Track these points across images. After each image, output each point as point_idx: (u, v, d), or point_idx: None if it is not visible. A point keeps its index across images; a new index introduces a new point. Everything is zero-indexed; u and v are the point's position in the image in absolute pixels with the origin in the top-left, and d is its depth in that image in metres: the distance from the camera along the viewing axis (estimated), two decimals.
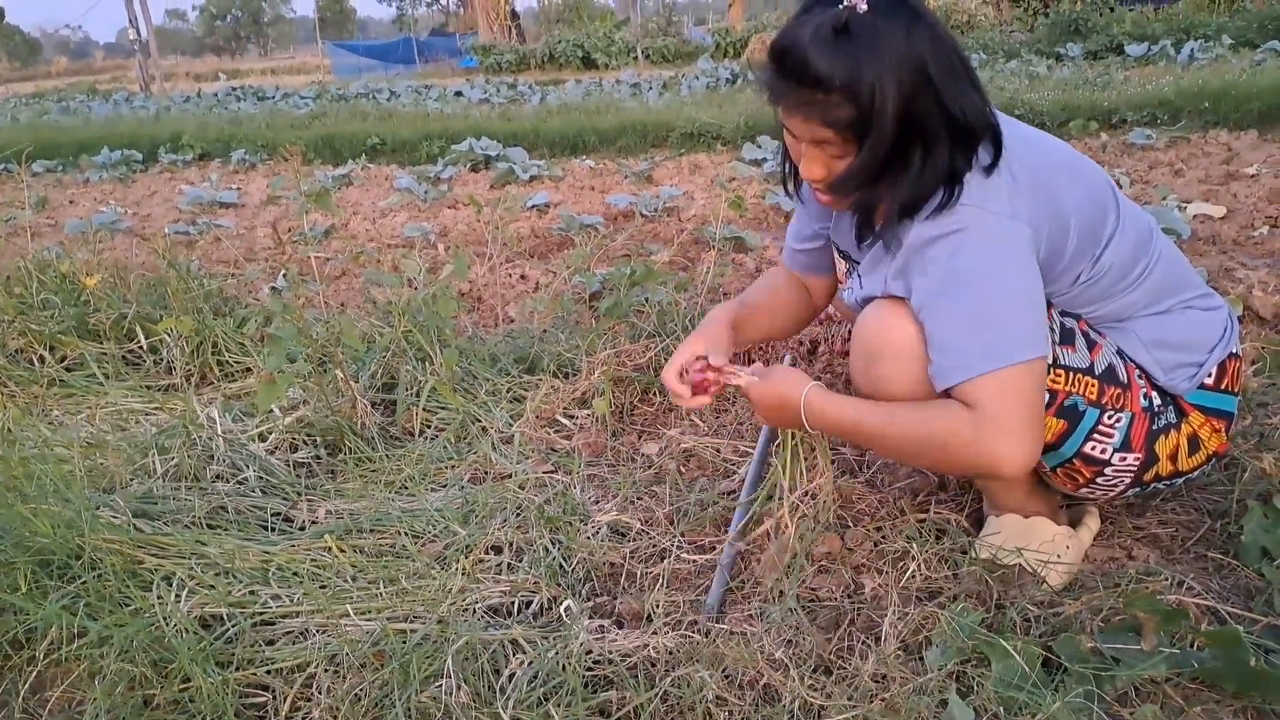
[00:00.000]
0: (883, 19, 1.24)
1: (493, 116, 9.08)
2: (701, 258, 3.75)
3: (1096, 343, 1.49)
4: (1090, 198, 1.44)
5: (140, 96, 20.14)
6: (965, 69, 1.31)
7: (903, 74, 1.24)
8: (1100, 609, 1.37)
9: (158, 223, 5.83)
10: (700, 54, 19.71)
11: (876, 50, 1.23)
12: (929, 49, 1.26)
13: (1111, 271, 1.46)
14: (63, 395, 2.73)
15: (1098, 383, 1.45)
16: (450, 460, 2.15)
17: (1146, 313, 1.52)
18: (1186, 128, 5.83)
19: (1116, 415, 1.46)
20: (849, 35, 1.23)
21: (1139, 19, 13.51)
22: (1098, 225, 1.44)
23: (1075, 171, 1.45)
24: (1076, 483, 1.54)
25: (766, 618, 1.43)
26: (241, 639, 1.50)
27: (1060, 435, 1.46)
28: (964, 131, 1.31)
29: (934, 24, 1.29)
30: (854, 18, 1.24)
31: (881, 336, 1.45)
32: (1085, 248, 1.43)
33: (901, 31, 1.24)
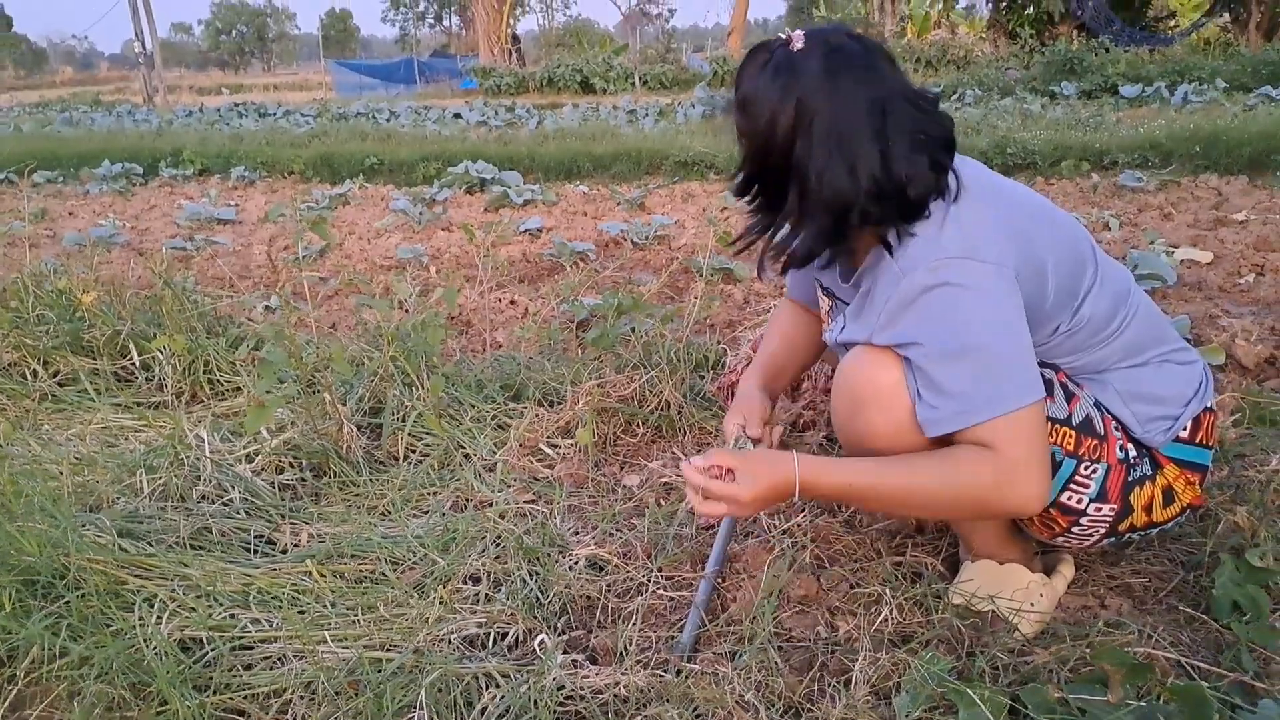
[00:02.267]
0: (811, 59, 1.34)
1: (490, 139, 9.15)
2: (690, 287, 3.79)
3: (1074, 394, 1.51)
4: (1068, 249, 1.47)
5: (143, 109, 20.24)
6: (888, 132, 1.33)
7: (811, 106, 1.32)
8: (1068, 659, 1.39)
9: (155, 237, 5.85)
10: (698, 81, 19.86)
11: (787, 82, 1.34)
12: (835, 101, 1.32)
13: (1090, 323, 1.49)
14: (54, 410, 2.74)
15: (1075, 433, 1.47)
16: (432, 487, 2.16)
17: (1123, 365, 1.55)
18: (1177, 171, 5.90)
19: (1093, 466, 1.48)
20: (774, 64, 1.36)
21: (1134, 60, 13.67)
22: (1076, 277, 1.47)
23: (1053, 223, 1.49)
24: (1053, 531, 1.56)
25: (738, 659, 1.45)
26: (220, 663, 1.51)
27: None
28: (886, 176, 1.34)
29: (862, 67, 1.35)
30: (781, 52, 1.36)
31: (870, 384, 1.45)
32: (1064, 299, 1.45)
33: (817, 78, 1.33)
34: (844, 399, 1.51)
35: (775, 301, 3.59)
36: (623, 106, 13.96)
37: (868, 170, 1.33)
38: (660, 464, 2.27)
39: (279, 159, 8.72)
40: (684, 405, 2.43)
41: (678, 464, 2.26)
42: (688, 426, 2.41)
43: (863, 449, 1.50)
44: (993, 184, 1.48)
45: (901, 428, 1.42)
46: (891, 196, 1.35)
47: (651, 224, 4.78)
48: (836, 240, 1.41)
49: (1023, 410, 1.33)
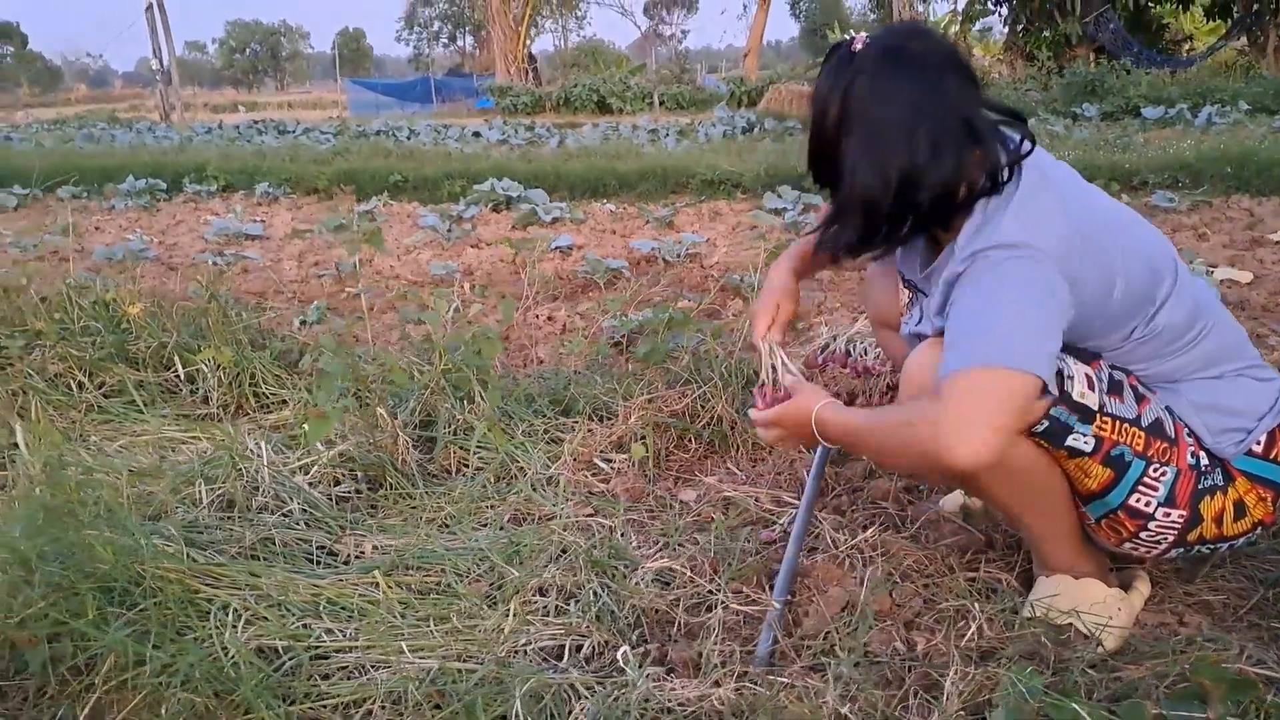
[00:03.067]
0: (865, 60, 1.42)
1: (513, 157, 9.19)
2: (727, 304, 3.79)
3: (1145, 397, 1.50)
4: (1141, 258, 1.47)
5: (162, 126, 20.38)
6: (936, 134, 1.39)
7: (837, 99, 1.42)
8: (1167, 675, 1.37)
9: (184, 252, 5.88)
10: (714, 102, 19.97)
11: (839, 77, 1.43)
12: (877, 100, 1.40)
13: (1165, 332, 1.49)
14: (100, 421, 2.75)
15: (1144, 434, 1.46)
16: (491, 500, 2.16)
17: (1198, 376, 1.54)
18: (1208, 192, 5.88)
19: (1162, 469, 1.47)
20: (835, 62, 1.46)
21: (1155, 82, 13.69)
22: (1150, 285, 1.47)
23: (1127, 232, 1.50)
24: (1120, 536, 1.54)
25: (826, 672, 1.43)
26: (299, 672, 1.50)
27: (1107, 484, 1.47)
28: (905, 189, 1.41)
29: (917, 67, 1.42)
30: (844, 51, 1.46)
31: (932, 375, 1.45)
32: (1136, 306, 1.46)
33: (866, 76, 1.41)
34: (909, 388, 1.53)
35: (815, 319, 3.58)
36: (643, 126, 14.02)
37: (897, 169, 1.39)
38: (716, 479, 2.26)
39: (303, 175, 8.76)
40: (736, 421, 2.42)
41: (733, 479, 2.26)
42: (740, 442, 2.40)
43: None
44: (1073, 186, 1.50)
45: None
46: (921, 196, 1.41)
47: (683, 242, 4.78)
48: (871, 234, 1.49)
49: (990, 370, 1.32)
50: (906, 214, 1.44)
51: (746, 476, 2.27)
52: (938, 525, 1.95)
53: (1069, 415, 1.42)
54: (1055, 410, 1.41)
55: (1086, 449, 1.44)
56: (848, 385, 2.47)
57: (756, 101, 19.72)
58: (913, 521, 1.99)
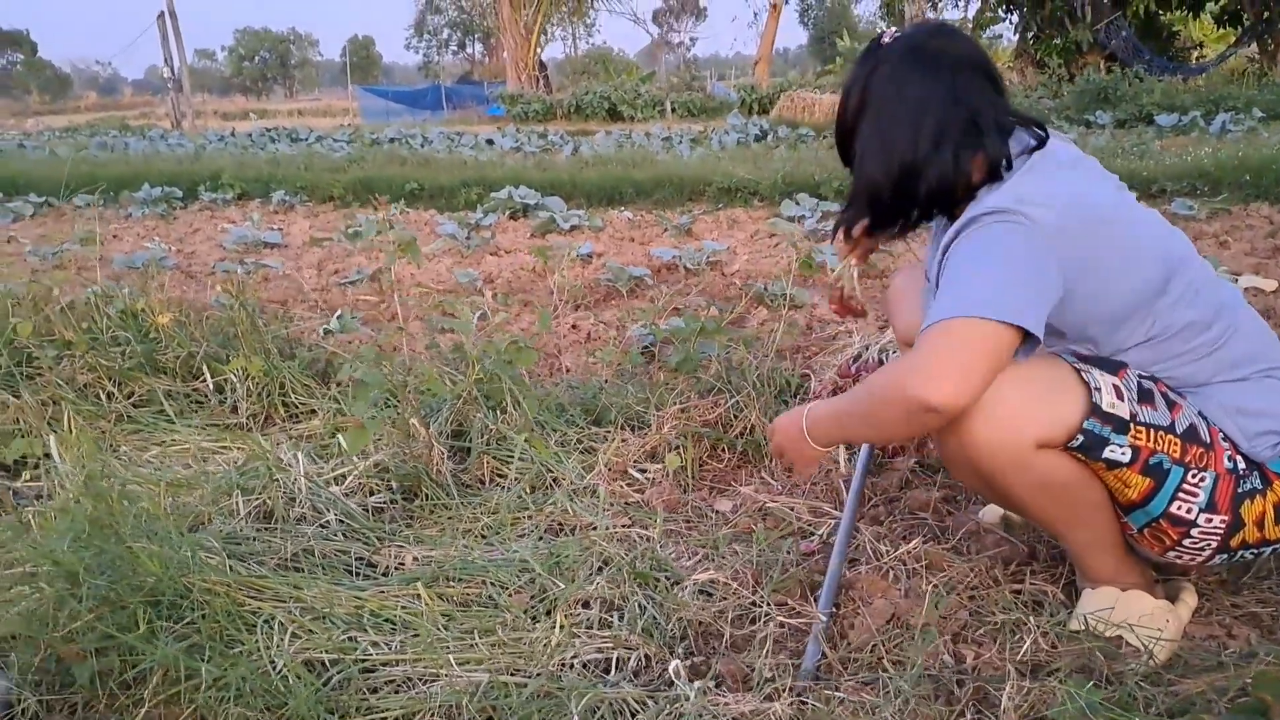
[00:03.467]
0: (888, 53, 1.52)
1: (528, 165, 9.20)
2: (752, 313, 3.78)
3: (1176, 403, 1.49)
4: (1153, 250, 1.49)
5: (175, 134, 20.48)
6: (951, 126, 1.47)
7: (859, 88, 1.54)
8: (1226, 689, 1.36)
9: (203, 260, 5.90)
10: (725, 110, 19.99)
11: (864, 66, 1.55)
12: (889, 92, 1.50)
13: (1185, 331, 1.49)
14: (130, 431, 2.75)
15: (1180, 441, 1.46)
16: (526, 510, 2.16)
17: (1224, 379, 1.53)
18: (1228, 200, 5.86)
19: (1200, 474, 1.46)
20: (862, 55, 1.59)
21: (1169, 89, 13.66)
22: (1162, 278, 1.47)
23: (1139, 223, 1.51)
24: (1163, 544, 1.53)
25: (880, 686, 1.43)
26: (348, 686, 1.50)
27: (1147, 494, 1.47)
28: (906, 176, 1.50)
29: (929, 78, 1.49)
30: (874, 43, 1.57)
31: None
32: (1146, 298, 1.47)
33: (886, 67, 1.51)
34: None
35: (840, 328, 3.58)
36: (656, 133, 14.05)
37: (898, 160, 1.49)
38: (752, 489, 2.25)
39: (318, 183, 8.79)
40: None
41: (769, 489, 2.26)
42: None
43: (958, 462, 1.56)
44: (1091, 174, 1.54)
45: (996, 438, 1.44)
46: (919, 188, 1.50)
47: (703, 249, 4.78)
48: (876, 219, 1.61)
49: (958, 320, 1.35)
50: (906, 203, 1.54)
51: (782, 487, 2.27)
52: (979, 537, 1.94)
53: (1102, 427, 1.41)
54: (1088, 424, 1.41)
55: (1124, 460, 1.44)
56: None
57: (767, 109, 19.73)
58: (953, 533, 1.98)
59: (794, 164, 7.91)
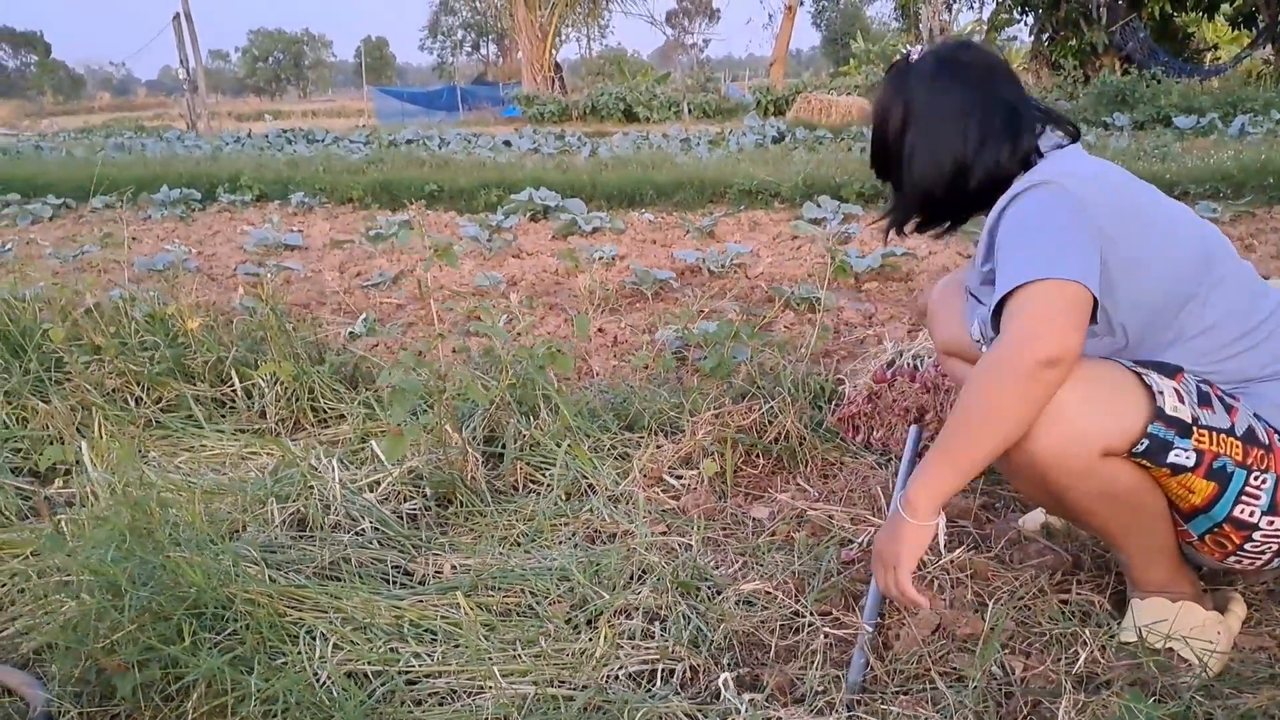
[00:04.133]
0: (921, 67, 1.64)
1: (547, 167, 9.20)
2: (779, 316, 3.76)
3: (1233, 405, 1.47)
4: (1187, 238, 1.51)
5: (191, 135, 20.56)
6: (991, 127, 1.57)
7: (897, 103, 1.63)
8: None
9: (224, 263, 5.92)
10: (741, 111, 19.95)
11: (900, 83, 1.65)
12: (932, 102, 1.60)
13: (1228, 322, 1.48)
14: (159, 436, 2.75)
15: (1241, 443, 1.43)
16: (563, 517, 2.14)
17: (1271, 376, 1.51)
18: (1251, 203, 5.82)
19: (1262, 476, 1.44)
20: (894, 73, 1.68)
21: (1186, 91, 13.57)
22: (1199, 267, 1.49)
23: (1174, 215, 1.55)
24: (1225, 550, 1.51)
25: (934, 700, 1.41)
26: (392, 698, 1.49)
27: (1211, 498, 1.44)
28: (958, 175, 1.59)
29: (960, 81, 1.60)
30: (903, 62, 1.67)
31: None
32: (1185, 286, 1.48)
33: (923, 81, 1.61)
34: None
35: (868, 332, 3.56)
36: (673, 135, 14.03)
37: (951, 162, 1.59)
38: (788, 496, 2.23)
39: (338, 185, 8.81)
40: (805, 436, 2.39)
41: (805, 496, 2.24)
42: (809, 457, 2.38)
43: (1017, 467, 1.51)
44: (1120, 173, 1.58)
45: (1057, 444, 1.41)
46: (971, 183, 1.59)
47: (727, 252, 4.76)
48: (929, 216, 1.71)
49: (1036, 283, 1.36)
50: (958, 200, 1.64)
51: (819, 493, 2.25)
52: (1022, 545, 1.92)
53: (1166, 431, 1.39)
54: (1152, 427, 1.38)
55: (1189, 464, 1.42)
56: (917, 400, 2.43)
57: (783, 110, 19.68)
58: (994, 540, 1.96)
59: (814, 165, 7.88)
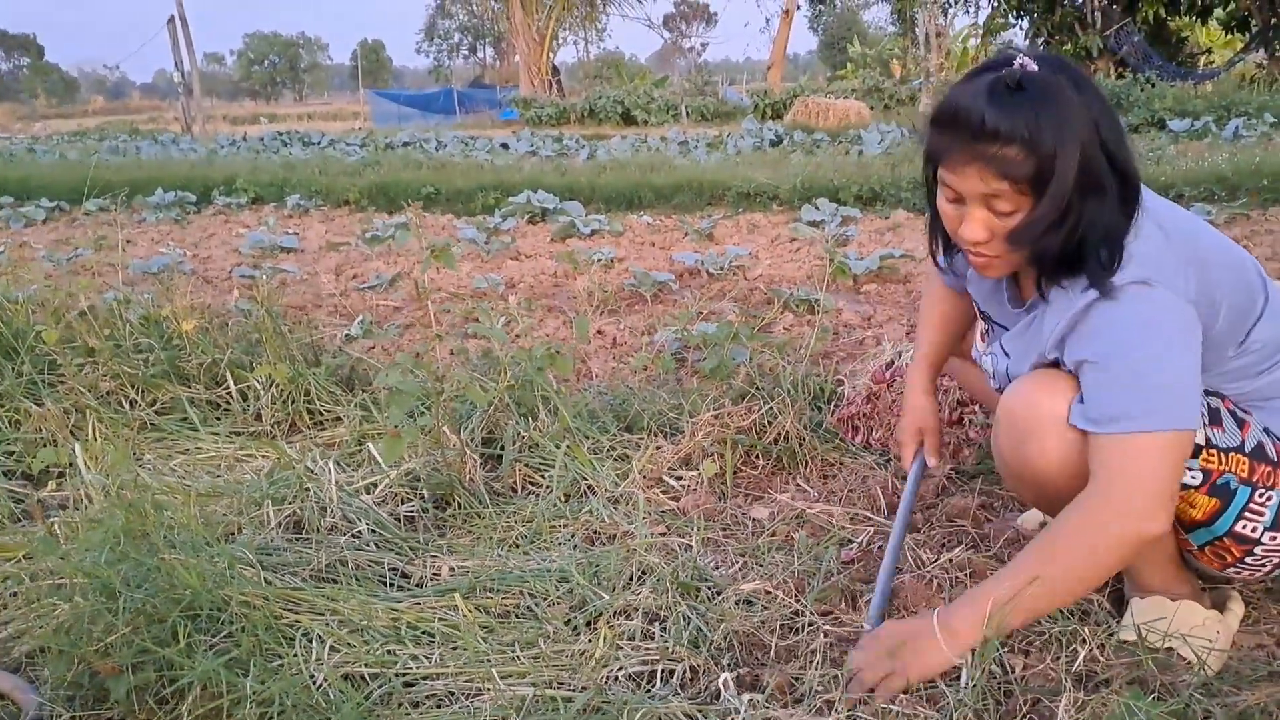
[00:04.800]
0: (1055, 79, 1.32)
1: (545, 169, 9.20)
2: (779, 318, 3.75)
3: (1245, 421, 1.47)
4: (1238, 276, 1.45)
5: (186, 138, 20.53)
6: (1124, 130, 1.39)
7: (1080, 126, 1.30)
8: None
9: (220, 265, 5.90)
10: (739, 115, 19.97)
11: (1053, 105, 1.30)
12: (1098, 107, 1.34)
13: (1261, 349, 1.46)
14: (154, 439, 2.73)
15: (1248, 460, 1.44)
16: (563, 519, 2.13)
17: None
18: (1246, 205, 5.83)
19: (1267, 493, 1.44)
20: (1024, 92, 1.30)
21: (1180, 95, 13.60)
22: (1248, 302, 1.45)
23: (1226, 250, 1.48)
24: (1224, 561, 1.52)
25: (932, 699, 1.40)
26: (390, 700, 1.48)
27: (1212, 514, 1.45)
28: (1128, 189, 1.36)
29: (1097, 87, 1.38)
30: (1027, 76, 1.31)
31: (1033, 410, 1.45)
32: (1235, 326, 1.43)
33: (1072, 89, 1.32)
34: (1008, 429, 1.50)
35: (866, 334, 3.55)
36: (671, 138, 14.02)
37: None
38: (788, 496, 2.23)
39: (334, 188, 8.79)
40: (805, 437, 2.39)
41: (805, 497, 2.23)
42: (809, 458, 2.37)
43: (1025, 481, 1.53)
44: (1169, 214, 1.46)
45: (1068, 458, 1.41)
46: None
47: (726, 254, 4.76)
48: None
49: (1159, 435, 1.31)
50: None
51: (818, 494, 2.24)
52: (1019, 544, 1.91)
53: None
54: None
55: (1194, 483, 1.43)
56: None
57: (781, 114, 19.70)
58: (993, 540, 1.95)
59: (812, 168, 7.89)
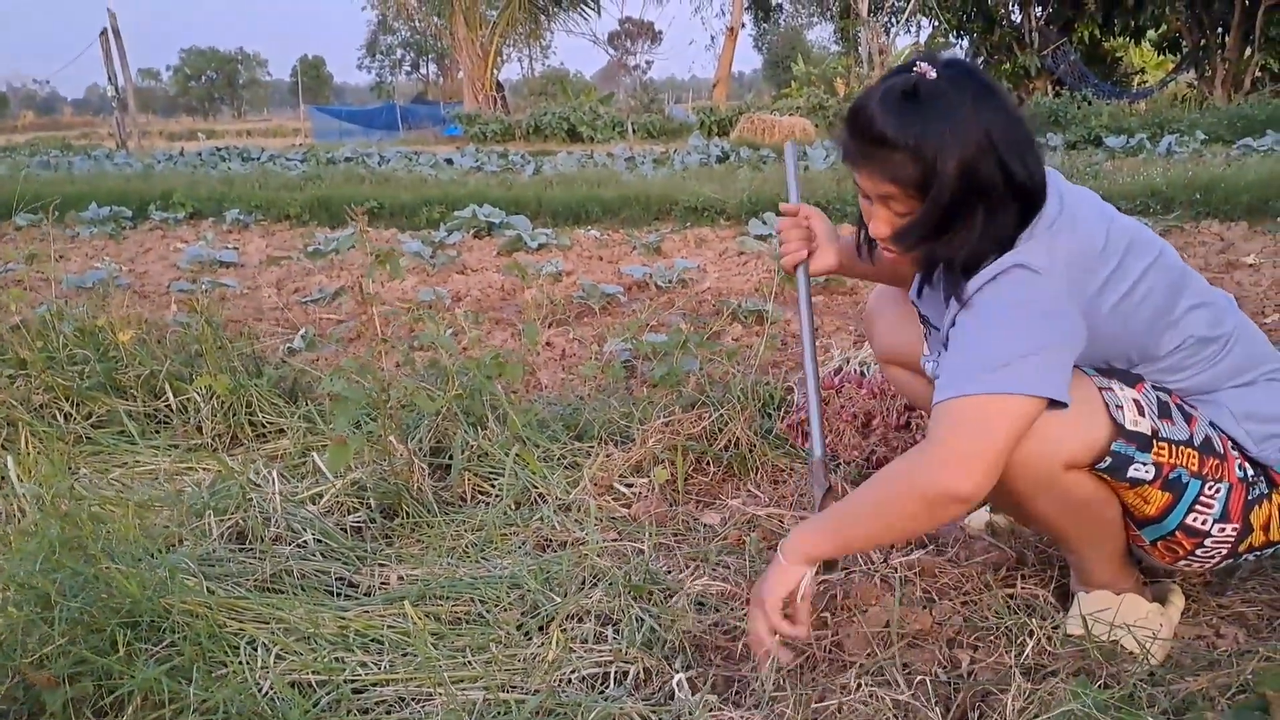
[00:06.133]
0: (951, 86, 1.35)
1: (491, 184, 9.16)
2: (726, 330, 3.78)
3: (1192, 415, 1.50)
4: (1162, 273, 1.48)
5: (121, 153, 20.06)
6: (1029, 139, 1.40)
7: (966, 135, 1.33)
8: (1228, 686, 1.36)
9: (156, 280, 5.77)
10: (685, 132, 20.13)
11: (942, 114, 1.33)
12: (995, 116, 1.35)
13: (1195, 343, 1.49)
14: (90, 453, 2.66)
15: (1198, 454, 1.46)
16: (513, 526, 2.11)
17: (1232, 384, 1.54)
18: (1180, 217, 6.01)
19: (1216, 486, 1.47)
20: (917, 99, 1.34)
21: (1116, 112, 14.05)
22: (1171, 297, 1.48)
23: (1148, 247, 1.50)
24: (1176, 555, 1.54)
25: (880, 695, 1.41)
26: (338, 707, 1.45)
27: (1165, 508, 1.47)
28: (1026, 195, 1.38)
29: (1002, 95, 1.40)
30: (923, 83, 1.35)
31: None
32: (1160, 321, 1.47)
33: (969, 99, 1.34)
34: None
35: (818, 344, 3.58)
36: (618, 154, 14.07)
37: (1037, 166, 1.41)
38: (739, 502, 2.24)
39: (274, 202, 8.67)
40: (755, 443, 2.40)
41: (756, 502, 2.24)
42: (760, 464, 2.38)
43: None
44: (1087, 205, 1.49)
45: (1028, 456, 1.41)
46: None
47: (675, 267, 4.78)
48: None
49: (990, 398, 1.33)
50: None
51: (769, 498, 2.25)
52: (968, 543, 1.95)
53: (1127, 446, 1.41)
54: (1115, 445, 1.41)
55: (1147, 478, 1.44)
56: (864, 405, 2.46)
57: (726, 131, 19.88)
58: (942, 540, 1.98)
59: (759, 184, 7.96)
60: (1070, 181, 1.58)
